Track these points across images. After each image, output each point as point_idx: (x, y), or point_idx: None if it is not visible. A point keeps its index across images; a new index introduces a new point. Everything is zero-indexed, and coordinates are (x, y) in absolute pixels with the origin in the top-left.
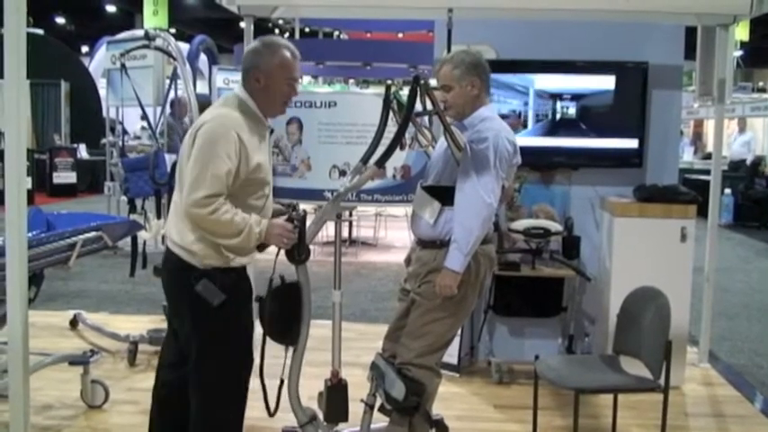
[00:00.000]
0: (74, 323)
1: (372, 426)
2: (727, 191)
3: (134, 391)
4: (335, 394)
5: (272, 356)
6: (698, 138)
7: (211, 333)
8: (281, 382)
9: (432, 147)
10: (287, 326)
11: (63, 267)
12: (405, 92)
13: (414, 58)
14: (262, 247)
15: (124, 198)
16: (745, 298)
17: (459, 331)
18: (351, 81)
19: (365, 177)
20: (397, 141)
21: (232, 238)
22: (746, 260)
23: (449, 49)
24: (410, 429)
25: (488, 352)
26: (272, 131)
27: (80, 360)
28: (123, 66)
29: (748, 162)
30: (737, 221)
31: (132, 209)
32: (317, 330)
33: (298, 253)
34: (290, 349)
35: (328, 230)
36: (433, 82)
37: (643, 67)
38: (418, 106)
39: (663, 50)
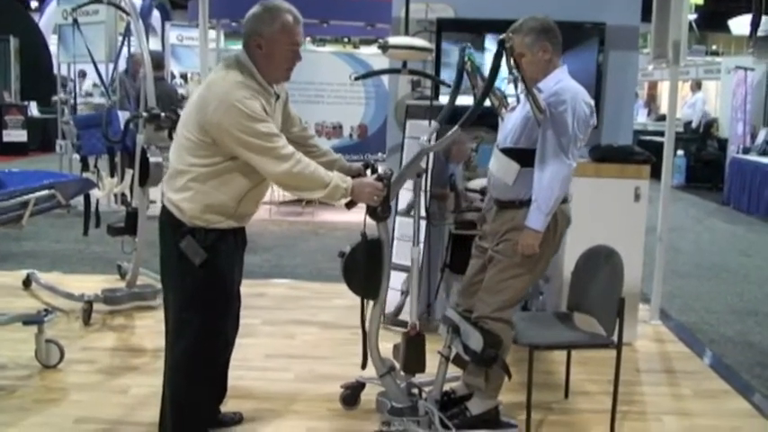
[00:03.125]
0: (27, 283)
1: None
2: (680, 152)
3: (89, 351)
4: (414, 346)
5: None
6: (652, 100)
7: (186, 289)
8: (364, 333)
9: (505, 108)
10: (369, 280)
11: (15, 226)
12: (366, 50)
13: (371, 17)
14: (351, 204)
15: (76, 156)
16: (696, 257)
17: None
18: (307, 39)
19: (448, 138)
20: (481, 103)
21: (318, 191)
22: (698, 220)
23: (407, 8)
24: (486, 379)
25: (445, 310)
26: (278, 98)
27: (34, 320)
28: (75, 21)
29: (694, 125)
30: (690, 183)
31: (85, 167)
32: (274, 289)
33: (382, 210)
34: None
35: (278, 191)
36: (394, 40)
37: (600, 28)
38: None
39: (620, 12)
